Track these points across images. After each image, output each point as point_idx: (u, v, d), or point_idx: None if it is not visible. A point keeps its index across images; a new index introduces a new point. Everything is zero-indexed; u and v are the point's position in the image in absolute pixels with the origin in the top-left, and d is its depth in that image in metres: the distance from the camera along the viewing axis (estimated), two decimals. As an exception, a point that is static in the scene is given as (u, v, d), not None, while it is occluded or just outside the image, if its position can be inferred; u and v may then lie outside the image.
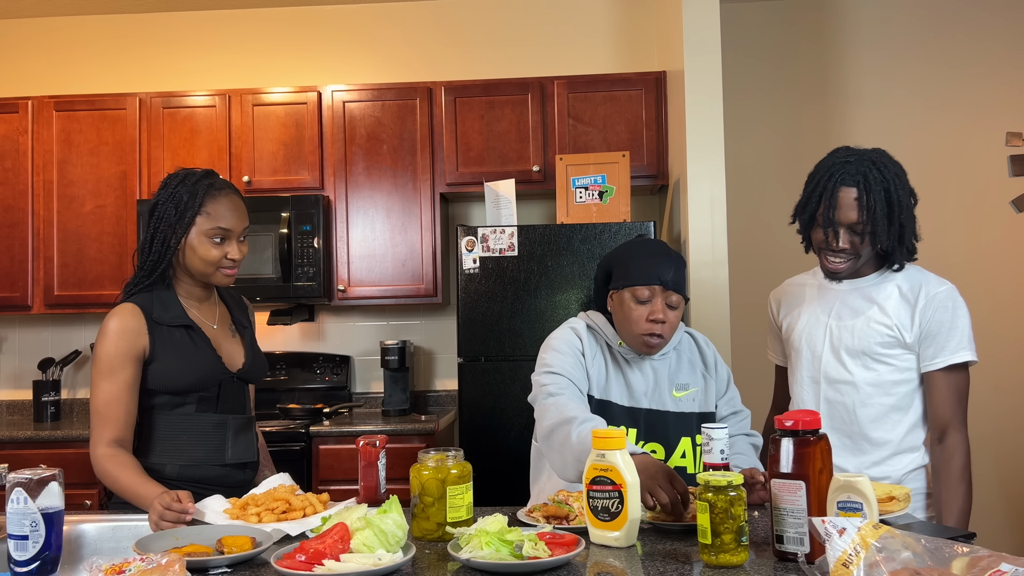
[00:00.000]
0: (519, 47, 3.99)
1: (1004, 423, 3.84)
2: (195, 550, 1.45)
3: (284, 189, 3.63)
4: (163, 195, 1.94)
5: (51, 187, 3.69)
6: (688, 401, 2.00)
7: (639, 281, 1.92)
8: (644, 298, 1.92)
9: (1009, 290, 3.88)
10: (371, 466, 1.83)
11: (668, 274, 1.92)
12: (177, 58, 4.07)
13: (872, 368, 1.94)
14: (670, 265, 1.93)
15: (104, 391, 1.84)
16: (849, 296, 2.00)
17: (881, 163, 1.92)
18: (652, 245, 2.01)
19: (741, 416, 2.07)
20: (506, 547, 1.36)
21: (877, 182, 1.88)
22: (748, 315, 3.70)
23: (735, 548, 1.35)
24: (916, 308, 1.91)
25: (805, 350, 2.03)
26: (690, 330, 2.13)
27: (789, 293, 2.16)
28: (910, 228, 1.92)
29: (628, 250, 2.00)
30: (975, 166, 3.89)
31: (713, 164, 3.10)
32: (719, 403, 2.06)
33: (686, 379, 2.02)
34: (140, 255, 1.99)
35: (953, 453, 1.88)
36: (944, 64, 3.94)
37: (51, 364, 3.80)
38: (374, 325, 3.96)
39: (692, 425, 1.98)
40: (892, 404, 1.94)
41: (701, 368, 2.06)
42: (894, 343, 1.92)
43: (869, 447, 1.94)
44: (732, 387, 2.10)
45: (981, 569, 1.09)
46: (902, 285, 1.95)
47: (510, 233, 3.17)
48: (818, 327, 2.01)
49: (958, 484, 1.86)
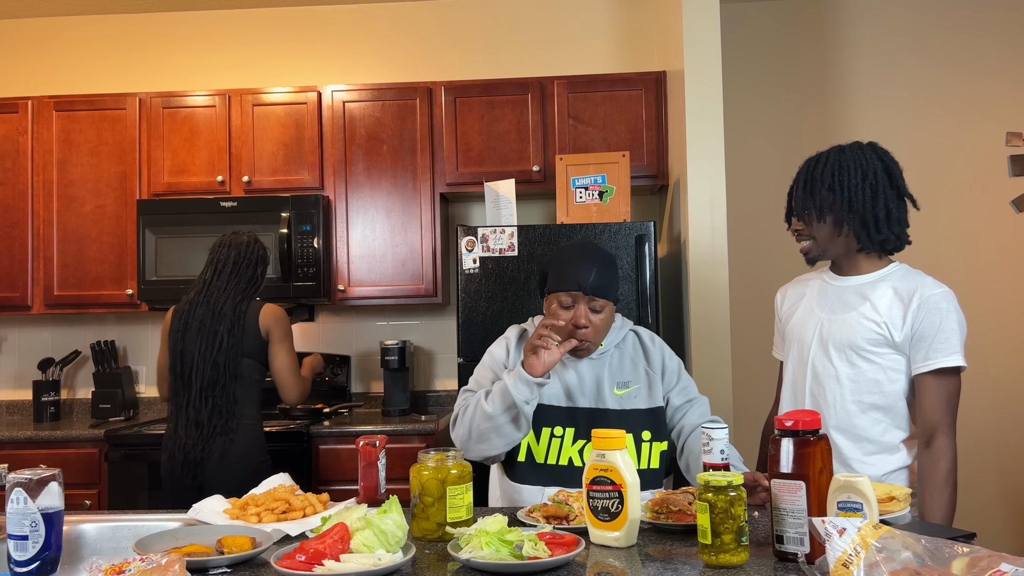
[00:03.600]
0: (519, 47, 3.99)
1: (1004, 423, 3.84)
2: (195, 550, 1.45)
3: (284, 189, 3.63)
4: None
5: (51, 187, 3.69)
6: (630, 398, 2.01)
7: (560, 287, 1.96)
8: (566, 304, 1.96)
9: (1009, 290, 3.87)
10: (371, 466, 1.83)
11: (588, 279, 1.94)
12: (177, 58, 4.07)
13: (855, 364, 1.94)
14: (591, 269, 1.95)
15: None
16: (844, 292, 2.01)
17: (848, 148, 1.99)
18: (577, 250, 2.01)
19: (697, 403, 2.07)
20: (506, 547, 1.36)
21: (827, 164, 1.97)
22: (748, 315, 3.70)
23: (735, 548, 1.35)
24: (909, 308, 1.91)
25: (796, 342, 2.05)
26: (637, 328, 2.15)
27: (794, 289, 2.18)
28: (875, 209, 1.94)
29: (557, 255, 2.04)
30: (975, 166, 3.89)
31: (713, 164, 3.10)
32: (670, 395, 2.06)
33: (627, 376, 2.04)
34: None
35: (939, 457, 1.86)
36: (944, 63, 3.94)
37: (51, 364, 3.80)
38: (374, 325, 3.96)
39: (636, 422, 1.99)
40: (872, 403, 1.93)
41: (644, 365, 2.07)
42: (882, 341, 1.92)
43: (848, 444, 1.94)
44: (684, 376, 2.10)
45: (981, 569, 1.09)
46: (898, 286, 1.96)
47: (510, 233, 3.17)
48: (810, 319, 2.03)
49: (942, 489, 1.84)
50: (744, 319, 3.46)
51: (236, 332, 2.74)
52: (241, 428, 2.73)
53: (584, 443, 1.97)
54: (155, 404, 3.94)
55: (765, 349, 2.29)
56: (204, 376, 2.71)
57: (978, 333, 3.57)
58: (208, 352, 2.71)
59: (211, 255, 2.86)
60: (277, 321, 2.83)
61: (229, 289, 2.79)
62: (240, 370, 2.76)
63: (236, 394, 2.74)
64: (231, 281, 2.80)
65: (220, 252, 2.84)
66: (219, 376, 2.72)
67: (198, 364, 2.72)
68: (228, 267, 2.81)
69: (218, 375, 2.72)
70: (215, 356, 2.71)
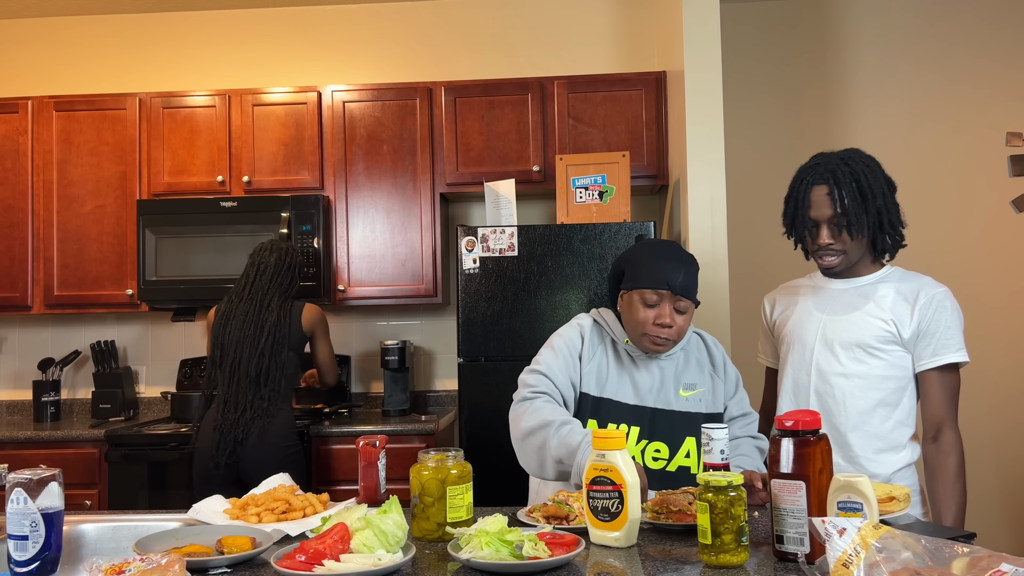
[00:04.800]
0: (519, 47, 3.99)
1: (1004, 423, 3.84)
2: (195, 550, 1.45)
3: (284, 189, 3.63)
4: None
5: (51, 187, 3.69)
6: (695, 401, 2.00)
7: (647, 284, 1.92)
8: (652, 302, 1.92)
9: (1009, 290, 3.87)
10: (371, 466, 1.83)
11: (677, 279, 1.91)
12: (177, 58, 4.07)
13: (864, 361, 1.96)
14: (680, 269, 1.92)
15: None
16: (844, 295, 2.03)
17: (849, 158, 1.97)
18: (664, 248, 1.99)
19: (749, 419, 2.07)
20: (506, 547, 1.36)
21: (846, 175, 1.94)
22: (748, 315, 3.69)
23: (735, 548, 1.35)
24: (916, 306, 1.94)
25: (796, 343, 2.06)
26: (699, 331, 2.13)
27: (784, 294, 2.19)
28: (889, 215, 1.96)
29: (641, 251, 2.00)
30: (975, 166, 3.89)
31: (713, 164, 3.10)
32: (729, 404, 2.06)
33: (693, 379, 2.02)
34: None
35: (949, 452, 1.90)
36: (944, 63, 3.93)
37: (51, 364, 3.80)
38: (374, 325, 3.96)
39: (698, 425, 1.98)
40: (880, 399, 1.96)
41: (709, 369, 2.06)
42: (890, 338, 1.95)
43: (858, 441, 1.95)
44: (741, 389, 2.09)
45: (981, 569, 1.09)
46: (899, 286, 1.98)
47: (510, 233, 3.17)
48: (810, 321, 2.04)
49: (955, 483, 1.88)
50: (744, 319, 3.46)
51: (283, 327, 3.00)
52: (279, 413, 2.96)
53: (647, 443, 1.95)
54: (155, 404, 3.95)
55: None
56: (251, 363, 2.93)
57: (977, 333, 3.57)
58: (255, 342, 2.95)
59: (252, 258, 3.10)
60: (320, 319, 3.17)
61: (273, 289, 3.04)
62: (283, 361, 2.99)
63: (279, 382, 2.98)
64: (274, 280, 3.05)
65: (262, 255, 3.09)
66: (265, 365, 2.95)
67: (246, 352, 2.94)
68: (271, 268, 3.05)
69: (264, 364, 2.95)
70: (262, 346, 2.95)
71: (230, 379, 2.95)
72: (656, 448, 1.94)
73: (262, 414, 2.92)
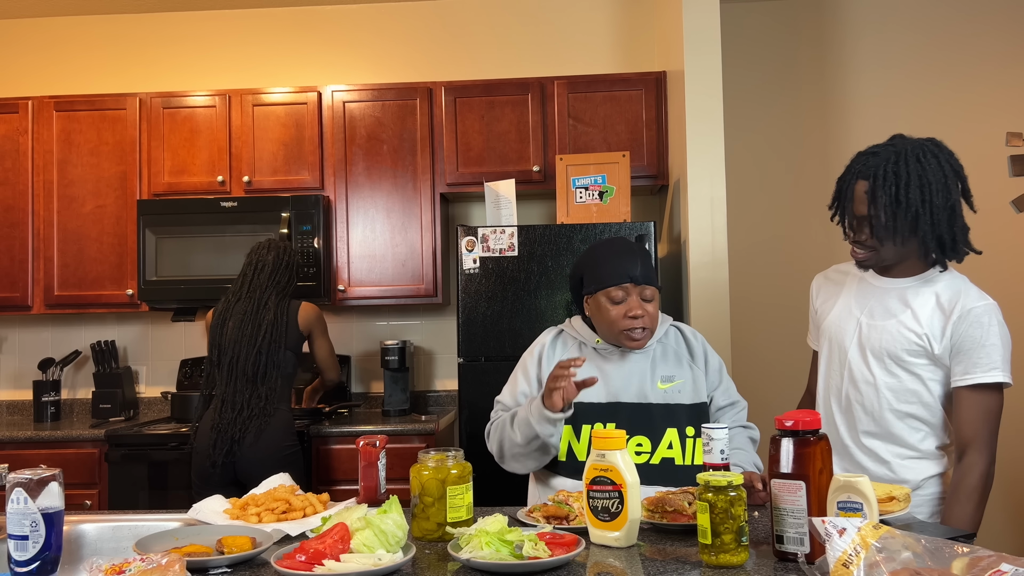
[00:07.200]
0: (519, 47, 3.99)
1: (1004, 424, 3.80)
2: (195, 550, 1.45)
3: (284, 189, 3.63)
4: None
5: (51, 187, 3.69)
6: (674, 392, 2.00)
7: (610, 282, 1.96)
8: (618, 298, 1.96)
9: (1009, 290, 3.87)
10: (371, 466, 1.83)
11: (636, 269, 1.96)
12: (177, 58, 4.07)
13: (894, 374, 1.89)
14: (636, 260, 1.97)
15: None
16: (886, 295, 1.94)
17: (907, 157, 1.85)
18: (615, 244, 2.03)
19: (738, 407, 2.08)
20: (506, 547, 1.36)
21: (888, 177, 1.83)
22: (748, 315, 3.70)
23: (735, 548, 1.35)
24: (950, 320, 1.84)
25: (834, 343, 2.00)
26: (677, 323, 2.14)
27: (830, 279, 2.12)
28: (936, 228, 1.83)
29: (594, 254, 2.04)
30: (975, 166, 3.87)
31: (713, 164, 3.10)
32: (714, 394, 2.06)
33: (671, 371, 2.03)
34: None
35: (967, 472, 1.83)
36: (944, 64, 3.93)
37: (51, 364, 3.80)
38: (374, 325, 3.96)
39: (680, 417, 1.98)
40: (909, 412, 1.90)
41: (688, 359, 2.07)
42: (921, 352, 1.87)
43: (885, 448, 1.91)
44: (726, 377, 2.10)
45: (981, 569, 1.09)
46: (941, 294, 1.88)
47: (510, 233, 3.17)
48: (849, 321, 1.98)
49: (964, 502, 1.82)
50: (744, 319, 3.46)
51: (280, 326, 2.99)
52: (277, 413, 2.96)
53: (627, 438, 1.94)
54: (155, 404, 3.95)
55: (765, 349, 2.29)
56: (248, 363, 2.93)
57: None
58: (253, 341, 2.95)
59: (250, 257, 3.09)
60: (317, 318, 3.16)
61: (270, 287, 3.04)
62: (280, 360, 2.99)
63: (276, 381, 2.98)
64: (271, 279, 3.04)
65: (260, 254, 3.08)
66: (262, 364, 2.95)
67: (243, 351, 2.94)
68: (269, 266, 3.05)
69: (261, 363, 2.95)
70: (259, 345, 2.95)
71: (228, 378, 2.96)
72: (638, 442, 1.95)
73: (259, 413, 2.92)
